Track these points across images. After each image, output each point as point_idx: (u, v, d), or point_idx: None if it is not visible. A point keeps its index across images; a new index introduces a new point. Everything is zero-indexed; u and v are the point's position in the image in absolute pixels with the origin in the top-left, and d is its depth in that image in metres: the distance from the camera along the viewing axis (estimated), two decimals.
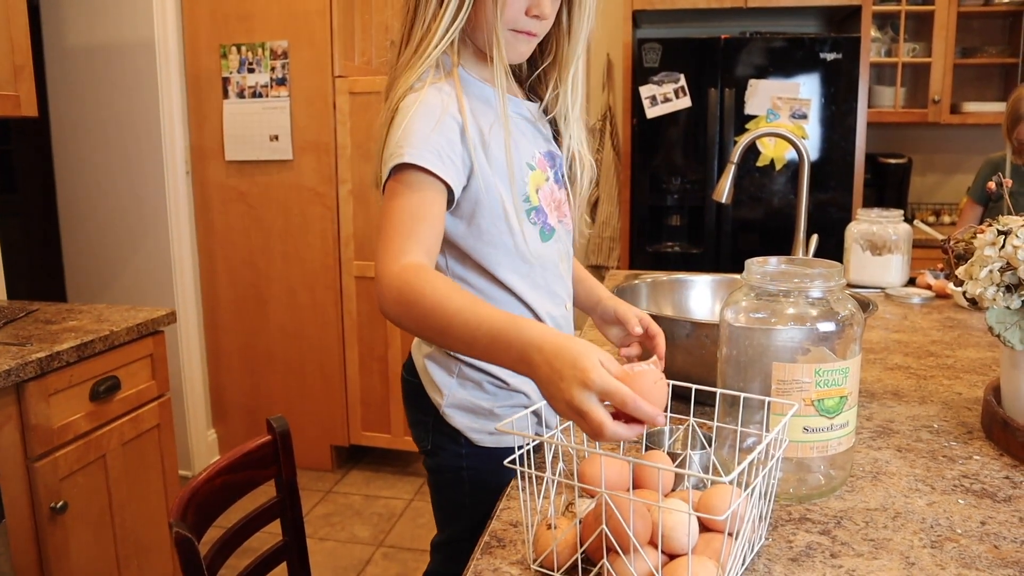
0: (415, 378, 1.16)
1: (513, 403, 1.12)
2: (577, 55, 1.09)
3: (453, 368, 1.11)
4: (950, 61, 3.35)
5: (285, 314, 3.05)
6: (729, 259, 3.25)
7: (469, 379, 1.11)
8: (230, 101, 2.94)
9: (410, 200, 0.93)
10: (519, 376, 1.06)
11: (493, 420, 1.11)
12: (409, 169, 0.94)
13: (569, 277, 1.18)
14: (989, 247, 1.05)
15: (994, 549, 0.81)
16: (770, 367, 0.88)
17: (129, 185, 2.94)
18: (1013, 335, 1.05)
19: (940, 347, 1.59)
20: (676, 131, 3.24)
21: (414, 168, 0.94)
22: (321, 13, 2.82)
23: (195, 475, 1.10)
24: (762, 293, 0.92)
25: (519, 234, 1.05)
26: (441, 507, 1.20)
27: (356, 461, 3.20)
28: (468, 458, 1.13)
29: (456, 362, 1.11)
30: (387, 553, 2.54)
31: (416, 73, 1.00)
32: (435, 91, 0.99)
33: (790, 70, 3.13)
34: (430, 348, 1.13)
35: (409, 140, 0.94)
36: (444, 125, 0.97)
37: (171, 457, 2.01)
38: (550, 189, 1.10)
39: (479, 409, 1.11)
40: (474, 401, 1.11)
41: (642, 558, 0.71)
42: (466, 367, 1.11)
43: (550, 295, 1.12)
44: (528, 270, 1.08)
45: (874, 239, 2.08)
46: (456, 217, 1.04)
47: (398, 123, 0.97)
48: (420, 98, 0.97)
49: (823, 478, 0.92)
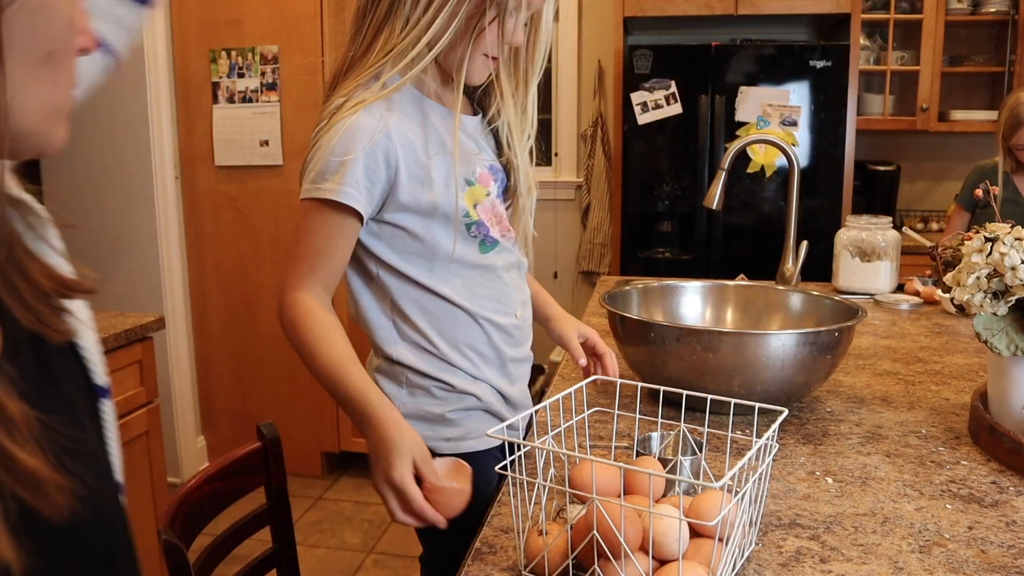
0: None
1: (464, 406, 1.11)
2: (535, 75, 1.11)
3: (401, 377, 1.11)
4: (938, 69, 3.38)
5: (275, 320, 3.02)
6: (720, 265, 3.26)
7: (417, 386, 1.10)
8: (220, 106, 2.93)
9: (319, 233, 1.01)
10: (465, 378, 1.10)
11: (446, 426, 1.10)
12: (318, 204, 0.99)
13: (521, 287, 1.18)
14: (976, 254, 1.06)
15: (981, 554, 0.82)
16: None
17: (117, 190, 2.93)
18: (1000, 341, 1.06)
19: (928, 353, 1.60)
20: (667, 138, 3.25)
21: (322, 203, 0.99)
22: (311, 18, 2.82)
23: (184, 482, 1.09)
24: None
25: (453, 247, 1.06)
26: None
27: (346, 467, 3.19)
28: None
29: (403, 369, 1.10)
30: (377, 560, 2.53)
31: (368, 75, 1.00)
32: (366, 115, 0.99)
33: (780, 77, 3.15)
34: (378, 361, 1.14)
35: (332, 171, 0.98)
36: (370, 152, 0.98)
37: (160, 464, 2.00)
38: (491, 203, 1.10)
39: (431, 416, 1.10)
40: (425, 408, 1.10)
41: (633, 564, 0.71)
42: (412, 374, 1.10)
43: (495, 303, 1.12)
44: (468, 278, 1.09)
45: (863, 246, 2.10)
46: (381, 229, 1.05)
47: (327, 141, 0.99)
48: (351, 123, 0.98)
49: None
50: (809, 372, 1.19)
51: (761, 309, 1.50)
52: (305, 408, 3.07)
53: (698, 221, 3.28)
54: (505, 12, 0.98)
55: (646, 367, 1.27)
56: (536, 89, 1.12)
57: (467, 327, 1.09)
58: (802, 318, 1.44)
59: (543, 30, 1.08)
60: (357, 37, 1.03)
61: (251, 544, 1.20)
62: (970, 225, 2.54)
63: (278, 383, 3.08)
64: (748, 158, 3.19)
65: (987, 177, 2.46)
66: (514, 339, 1.15)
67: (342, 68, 1.05)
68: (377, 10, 1.01)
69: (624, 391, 1.27)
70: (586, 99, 3.71)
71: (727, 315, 1.52)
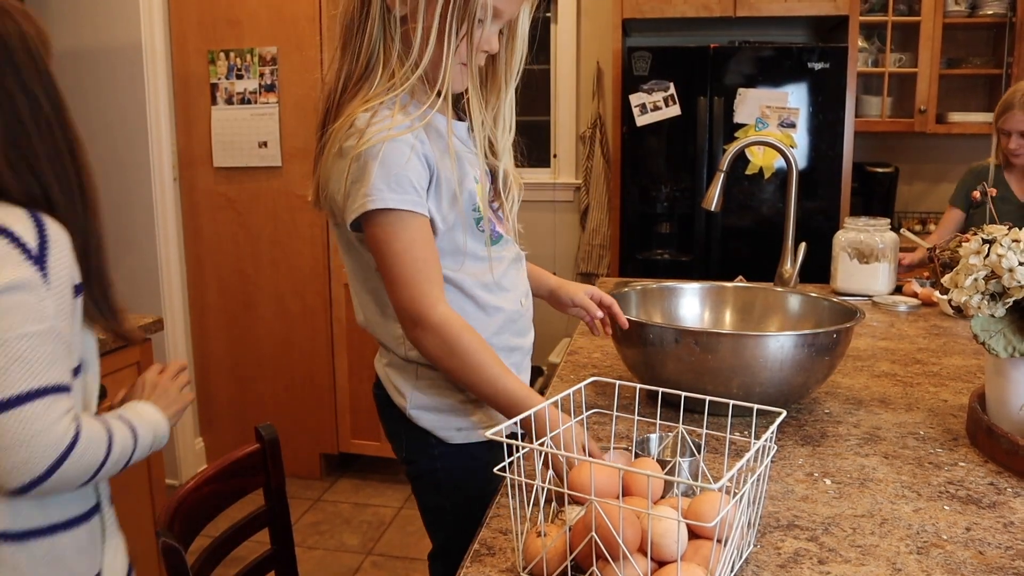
0: (382, 390, 1.19)
1: (474, 395, 1.13)
2: (512, 81, 1.14)
3: (413, 372, 1.14)
4: (936, 71, 3.38)
5: (274, 321, 3.04)
6: (718, 267, 3.26)
7: (427, 379, 1.13)
8: (218, 107, 2.93)
9: (414, 244, 1.02)
10: None
11: (459, 416, 1.14)
12: (395, 213, 1.00)
13: (524, 279, 1.23)
14: (974, 256, 1.06)
15: (979, 555, 0.82)
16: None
17: (115, 191, 2.92)
18: (997, 343, 1.06)
19: (926, 355, 1.60)
20: (665, 139, 3.25)
21: (400, 212, 1.00)
22: (311, 19, 2.82)
23: (182, 484, 1.09)
24: None
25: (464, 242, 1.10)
26: (426, 514, 1.22)
27: (345, 469, 3.19)
28: (441, 459, 1.15)
29: (413, 364, 1.13)
30: (376, 561, 2.53)
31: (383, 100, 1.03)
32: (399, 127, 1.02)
33: (778, 79, 3.15)
34: (388, 357, 1.16)
35: (395, 182, 1.00)
36: (418, 157, 1.02)
37: (158, 466, 2.00)
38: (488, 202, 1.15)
39: (443, 406, 1.13)
40: (437, 398, 1.13)
41: (631, 565, 0.71)
42: (423, 368, 1.13)
43: (503, 292, 1.16)
44: (478, 270, 1.12)
45: (861, 247, 2.10)
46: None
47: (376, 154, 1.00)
48: (393, 134, 1.01)
49: None
50: (807, 374, 1.20)
51: (760, 311, 1.50)
52: (304, 410, 3.07)
53: (697, 223, 3.28)
54: (474, 22, 1.02)
55: (645, 368, 1.27)
56: (514, 94, 1.16)
57: (477, 317, 1.11)
58: (800, 320, 1.45)
59: (519, 37, 1.12)
60: (347, 51, 1.06)
61: (250, 546, 1.20)
62: (965, 225, 2.54)
63: (276, 385, 3.08)
64: (746, 160, 3.20)
65: (980, 179, 2.46)
66: (518, 327, 1.19)
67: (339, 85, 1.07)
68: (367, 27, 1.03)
69: (623, 392, 1.27)
70: (585, 101, 3.71)
71: (726, 316, 1.52)
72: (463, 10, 1.00)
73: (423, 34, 1.02)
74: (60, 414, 0.87)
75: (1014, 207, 2.39)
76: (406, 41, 1.03)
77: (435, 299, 1.03)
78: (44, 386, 0.87)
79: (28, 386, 0.86)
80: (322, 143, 1.08)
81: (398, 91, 1.03)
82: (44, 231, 0.91)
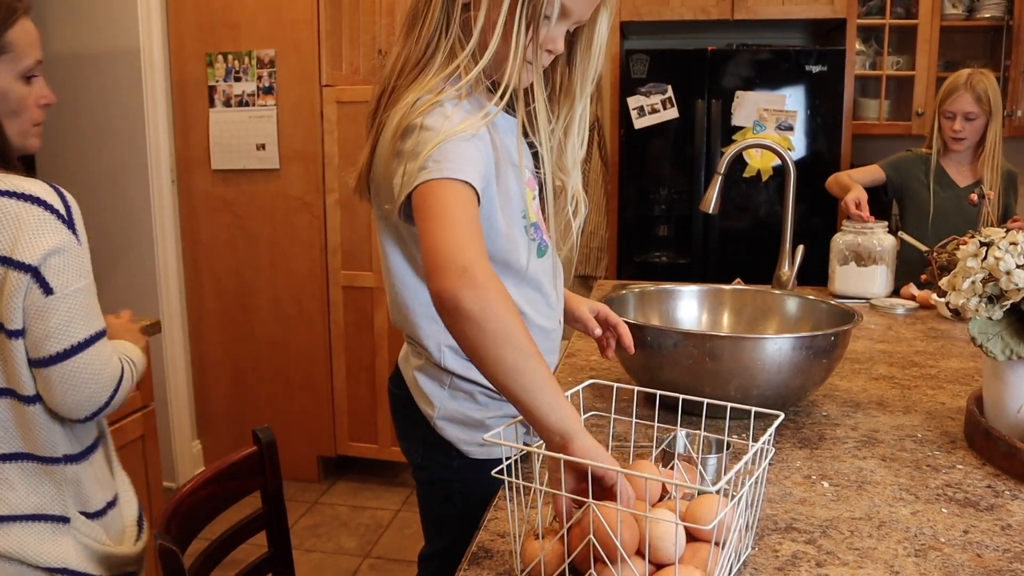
0: (403, 391, 1.16)
1: (503, 413, 1.11)
2: (585, 92, 1.09)
3: (444, 380, 1.11)
4: (933, 74, 3.39)
5: (271, 324, 3.04)
6: (716, 269, 3.27)
7: (461, 390, 1.11)
8: (216, 110, 2.93)
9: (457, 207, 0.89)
10: None
11: (484, 431, 1.10)
12: (450, 181, 0.91)
13: (560, 292, 1.19)
14: (972, 258, 1.06)
15: (977, 558, 0.82)
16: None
17: (113, 194, 2.92)
18: (995, 345, 1.06)
19: (924, 357, 1.60)
20: (663, 142, 3.26)
21: (454, 181, 0.91)
22: (308, 22, 2.82)
23: (180, 486, 1.09)
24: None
25: (515, 251, 1.06)
26: (431, 519, 1.20)
27: (343, 472, 3.18)
28: (459, 471, 1.13)
29: (447, 374, 1.11)
30: (374, 564, 2.53)
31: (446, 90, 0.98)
32: (462, 111, 0.97)
33: (776, 82, 3.16)
34: (420, 360, 1.13)
35: (453, 153, 0.92)
36: (475, 142, 0.96)
37: (155, 468, 1.99)
38: (536, 208, 1.12)
39: (470, 420, 1.11)
40: (465, 412, 1.11)
41: (629, 568, 0.71)
42: (457, 379, 1.10)
43: (546, 308, 1.13)
44: (518, 284, 1.08)
45: (859, 250, 2.10)
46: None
47: (435, 124, 0.94)
48: (456, 129, 0.95)
49: None
50: (805, 376, 1.20)
51: (757, 313, 1.50)
52: (301, 412, 3.06)
53: (695, 225, 3.28)
54: (540, 18, 0.98)
55: (643, 371, 1.27)
56: (588, 105, 1.10)
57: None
58: (798, 322, 1.45)
59: (596, 45, 1.07)
60: (409, 37, 1.03)
61: (247, 548, 1.20)
62: (888, 193, 2.54)
63: (274, 387, 3.08)
64: (744, 162, 3.20)
65: (922, 163, 2.45)
66: (552, 344, 1.16)
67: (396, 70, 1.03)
68: (429, 12, 1.00)
69: (620, 395, 1.27)
70: None
71: (723, 319, 1.52)
72: (531, 4, 0.96)
73: (487, 25, 0.98)
74: (110, 352, 1.09)
75: (952, 193, 2.39)
76: (466, 29, 0.99)
77: (486, 258, 0.87)
78: (98, 331, 1.06)
79: (87, 332, 1.04)
80: (376, 125, 1.03)
81: (461, 84, 0.99)
82: (65, 198, 1.05)
